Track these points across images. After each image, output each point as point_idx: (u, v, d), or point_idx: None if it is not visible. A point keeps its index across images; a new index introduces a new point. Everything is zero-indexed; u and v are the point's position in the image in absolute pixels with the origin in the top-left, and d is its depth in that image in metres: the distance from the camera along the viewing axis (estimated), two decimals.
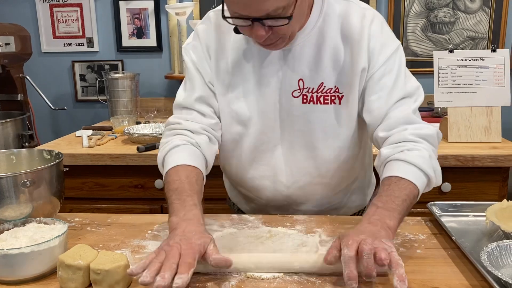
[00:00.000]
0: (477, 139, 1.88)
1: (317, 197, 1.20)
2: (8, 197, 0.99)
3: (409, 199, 0.93)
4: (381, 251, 0.77)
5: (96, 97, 2.65)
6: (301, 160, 1.14)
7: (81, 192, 1.90)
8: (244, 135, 1.15)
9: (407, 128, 1.03)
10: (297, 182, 1.17)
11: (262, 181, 1.19)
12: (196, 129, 1.11)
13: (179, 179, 1.01)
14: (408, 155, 0.97)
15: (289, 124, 1.12)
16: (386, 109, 1.05)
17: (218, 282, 0.83)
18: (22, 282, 0.84)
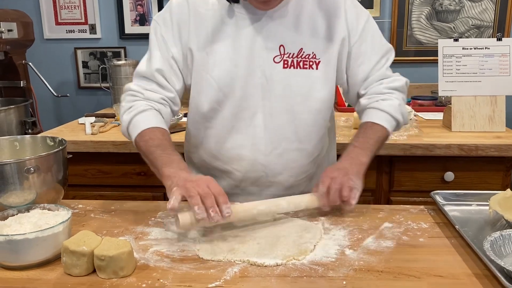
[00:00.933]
0: (480, 129, 1.88)
1: (293, 165, 1.23)
2: (12, 183, 0.99)
3: (380, 140, 1.17)
4: (345, 189, 1.03)
5: (98, 84, 2.64)
6: (280, 125, 1.18)
7: (84, 179, 1.90)
8: (224, 103, 1.17)
9: (382, 82, 1.23)
10: (276, 149, 1.19)
11: (240, 150, 1.20)
12: (156, 99, 1.18)
13: (157, 137, 1.11)
14: (382, 104, 1.19)
15: (269, 89, 1.15)
16: (368, 72, 1.22)
17: (222, 269, 0.84)
18: (26, 268, 0.85)
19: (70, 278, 0.82)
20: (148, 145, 1.09)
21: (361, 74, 1.22)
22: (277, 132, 1.18)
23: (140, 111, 1.14)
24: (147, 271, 0.84)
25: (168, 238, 0.97)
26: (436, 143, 1.70)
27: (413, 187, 1.79)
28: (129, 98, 1.19)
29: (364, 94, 1.23)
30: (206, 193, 0.92)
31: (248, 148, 1.19)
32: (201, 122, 1.22)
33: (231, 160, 1.22)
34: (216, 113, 1.19)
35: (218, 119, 1.19)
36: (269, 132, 1.18)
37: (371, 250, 0.91)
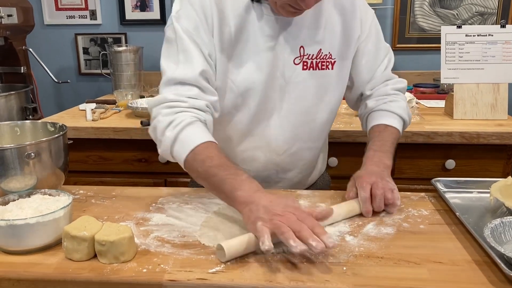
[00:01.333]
0: (482, 116, 1.87)
1: (303, 162, 1.24)
2: (13, 169, 0.99)
3: (395, 141, 1.17)
4: (388, 192, 1.01)
5: (99, 71, 2.63)
6: (296, 126, 1.17)
7: (85, 165, 1.91)
8: (242, 107, 1.13)
9: (388, 84, 1.24)
10: (290, 149, 1.19)
11: (254, 152, 1.18)
12: (202, 106, 1.04)
13: (215, 155, 0.97)
14: (391, 105, 1.20)
15: (288, 91, 1.13)
16: (373, 71, 1.23)
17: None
18: (28, 252, 0.85)
19: (71, 262, 0.82)
20: (207, 165, 0.95)
21: (366, 73, 1.22)
22: (292, 133, 1.17)
23: (187, 125, 0.99)
24: (148, 256, 0.84)
25: (169, 224, 0.97)
26: (438, 131, 1.70)
27: (414, 174, 1.79)
28: (166, 111, 1.02)
29: (370, 96, 1.24)
30: (300, 229, 0.79)
31: (263, 149, 1.18)
32: (214, 125, 1.12)
33: (244, 161, 1.20)
34: (231, 117, 1.14)
35: (232, 123, 1.15)
36: (284, 133, 1.17)
37: (371, 237, 0.91)
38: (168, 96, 1.04)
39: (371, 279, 0.76)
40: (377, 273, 0.78)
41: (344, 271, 0.78)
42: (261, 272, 0.78)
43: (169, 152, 1.02)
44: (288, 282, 0.75)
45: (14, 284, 0.79)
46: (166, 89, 1.05)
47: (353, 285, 0.75)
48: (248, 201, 0.87)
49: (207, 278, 0.77)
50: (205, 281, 0.76)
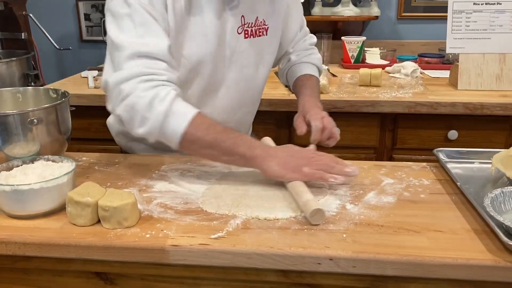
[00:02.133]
0: (487, 87, 1.85)
1: (245, 126, 1.35)
2: (16, 135, 0.99)
3: (317, 88, 1.34)
4: (334, 127, 1.16)
5: (101, 38, 2.60)
6: (241, 93, 1.23)
7: (88, 132, 1.91)
8: (193, 81, 1.14)
9: (306, 40, 1.40)
10: (236, 115, 1.26)
11: None
12: (176, 80, 1.02)
13: (215, 122, 0.98)
14: (311, 58, 1.37)
15: (233, 61, 1.17)
16: (295, 33, 1.36)
17: (224, 221, 0.85)
18: (32, 217, 0.86)
19: (75, 227, 0.84)
20: (213, 133, 0.95)
21: (291, 32, 1.34)
22: (237, 99, 1.23)
23: (175, 97, 0.96)
24: (151, 222, 0.85)
25: (171, 191, 0.98)
26: (441, 101, 1.69)
27: (416, 145, 1.79)
28: (145, 86, 0.96)
29: (292, 52, 1.37)
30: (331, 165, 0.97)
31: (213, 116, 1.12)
32: None
33: None
34: (184, 89, 1.11)
35: (186, 94, 1.13)
36: (232, 101, 1.22)
37: (372, 205, 0.92)
38: (139, 70, 0.96)
39: (371, 247, 0.77)
40: (377, 240, 0.79)
41: (344, 238, 0.79)
42: (262, 238, 0.79)
43: (160, 128, 0.95)
44: (289, 248, 0.76)
45: (20, 248, 0.81)
46: (130, 63, 0.97)
47: (352, 252, 0.76)
48: (271, 156, 0.96)
49: (209, 244, 0.78)
50: (207, 246, 0.77)
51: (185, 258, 0.78)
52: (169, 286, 0.85)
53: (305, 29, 1.41)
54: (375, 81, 1.91)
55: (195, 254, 0.78)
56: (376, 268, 0.75)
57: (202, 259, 0.78)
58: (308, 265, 0.76)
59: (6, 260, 0.85)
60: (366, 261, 0.75)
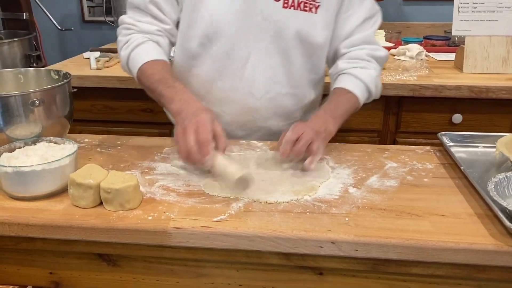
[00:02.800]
0: (493, 70, 1.83)
1: (284, 111, 1.21)
2: (18, 116, 0.99)
3: (350, 109, 1.12)
4: (314, 144, 0.96)
5: (103, 18, 2.58)
6: (274, 68, 1.14)
7: (90, 114, 1.91)
8: (215, 39, 1.11)
9: (364, 48, 1.17)
10: (269, 93, 1.16)
11: (231, 92, 1.16)
12: (152, 31, 1.14)
13: (158, 71, 1.07)
14: (360, 72, 1.14)
15: (265, 29, 1.10)
16: (353, 28, 1.17)
17: (226, 204, 0.85)
18: (35, 199, 0.86)
19: (77, 209, 0.84)
20: (150, 81, 1.06)
21: (347, 27, 1.17)
22: (270, 75, 1.14)
23: (137, 45, 1.11)
24: (153, 204, 0.85)
25: (174, 173, 0.98)
26: (446, 84, 1.67)
27: (420, 128, 1.78)
28: (124, 32, 1.16)
29: (344, 55, 1.18)
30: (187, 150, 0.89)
31: (239, 90, 1.15)
32: (187, 59, 1.17)
33: (220, 102, 1.18)
34: (205, 50, 1.12)
35: (207, 57, 1.13)
36: (262, 74, 1.14)
37: (375, 189, 0.91)
38: (125, 19, 1.17)
39: (373, 230, 0.77)
40: (379, 224, 0.79)
41: (346, 222, 0.79)
42: (265, 221, 0.79)
43: (126, 68, 1.15)
44: (291, 231, 0.76)
45: (23, 229, 0.81)
46: (127, 12, 1.18)
47: (354, 235, 0.76)
48: (176, 113, 0.98)
49: (211, 226, 0.78)
50: (209, 229, 0.78)
51: (187, 241, 0.78)
52: (171, 268, 0.86)
53: (368, 35, 1.19)
54: None
55: (197, 236, 0.78)
56: (378, 251, 0.75)
57: (204, 241, 0.78)
58: (310, 248, 0.76)
59: (9, 241, 0.86)
60: (368, 245, 0.75)
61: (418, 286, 0.81)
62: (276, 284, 0.85)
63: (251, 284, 0.85)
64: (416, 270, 0.79)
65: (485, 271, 0.77)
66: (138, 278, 0.88)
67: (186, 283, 0.87)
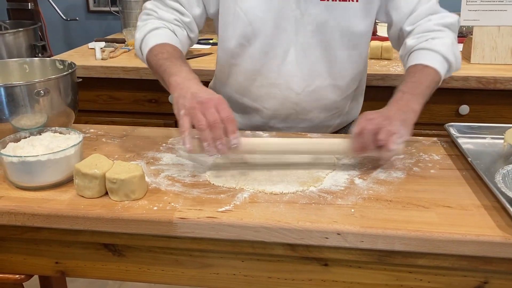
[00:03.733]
0: (501, 61, 1.81)
1: (325, 102, 1.18)
2: (23, 106, 0.99)
3: (432, 84, 1.01)
4: (383, 132, 0.86)
5: (108, 8, 2.57)
6: (314, 62, 1.12)
7: (95, 104, 1.91)
8: (253, 39, 1.10)
9: (431, 19, 1.09)
10: (309, 86, 1.14)
11: (271, 88, 1.15)
12: (170, 19, 1.14)
13: (168, 51, 1.05)
14: (432, 43, 1.05)
15: (303, 23, 1.08)
16: (414, 4, 1.10)
17: (232, 194, 0.85)
18: (40, 188, 0.87)
19: (83, 199, 0.84)
20: (158, 58, 1.04)
21: (404, 7, 1.10)
22: (310, 69, 1.12)
23: (153, 29, 1.10)
24: (159, 195, 0.85)
25: (179, 163, 0.98)
26: (453, 75, 1.65)
27: (426, 119, 1.76)
28: (143, 17, 1.16)
29: (410, 32, 1.11)
30: (214, 122, 0.83)
31: (280, 86, 1.14)
32: (227, 58, 1.17)
33: (260, 98, 1.18)
34: (243, 50, 1.13)
35: (245, 56, 1.13)
36: (302, 69, 1.12)
37: (381, 180, 0.91)
38: (147, 5, 1.18)
39: (379, 222, 0.77)
40: (385, 215, 0.78)
41: (352, 213, 0.79)
42: (270, 212, 0.79)
43: (139, 51, 1.13)
44: (296, 222, 0.76)
45: (28, 219, 0.81)
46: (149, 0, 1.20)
47: (360, 226, 0.75)
48: (179, 86, 0.93)
49: (216, 217, 0.78)
50: (214, 219, 0.77)
51: (192, 231, 0.78)
52: (176, 258, 0.86)
53: (431, 5, 1.11)
54: (386, 54, 1.88)
55: (203, 227, 0.78)
56: (384, 243, 0.75)
57: (209, 232, 0.78)
58: (316, 239, 0.76)
59: (15, 231, 0.86)
60: (374, 236, 0.75)
61: (424, 277, 0.81)
62: (281, 275, 0.85)
63: (256, 274, 0.85)
64: (422, 262, 0.78)
65: (491, 263, 0.77)
66: (143, 268, 0.88)
67: (191, 273, 0.87)
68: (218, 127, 0.84)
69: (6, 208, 0.81)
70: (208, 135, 0.84)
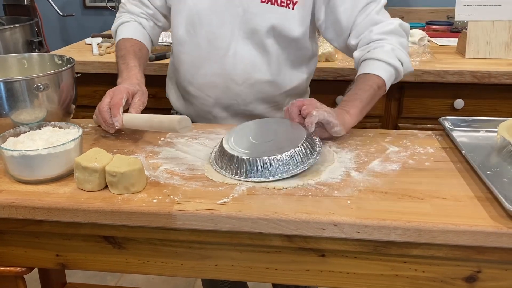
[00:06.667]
0: (496, 56, 1.83)
1: (264, 96, 1.25)
2: (23, 101, 1.00)
3: (372, 88, 1.07)
4: (307, 104, 0.97)
5: (104, 4, 2.57)
6: (253, 56, 1.19)
7: (93, 100, 1.91)
8: (198, 28, 1.18)
9: (372, 30, 1.13)
10: (249, 80, 1.21)
11: (213, 78, 1.22)
12: (137, 13, 1.30)
13: (125, 47, 1.22)
14: (373, 53, 1.11)
15: (245, 21, 1.16)
16: (354, 18, 1.14)
17: (230, 187, 0.86)
18: (41, 182, 0.88)
19: (83, 192, 0.85)
20: (116, 55, 1.23)
21: (345, 21, 1.14)
22: (250, 64, 1.19)
23: (122, 23, 1.29)
24: (158, 188, 0.86)
25: (178, 157, 0.99)
26: (449, 70, 1.67)
27: (422, 114, 1.79)
28: (119, 11, 1.34)
29: (356, 45, 1.16)
30: (101, 108, 1.04)
31: (222, 76, 1.21)
32: (176, 46, 1.25)
33: (203, 87, 1.24)
34: (190, 37, 1.21)
35: (191, 45, 1.21)
36: (243, 63, 1.19)
37: (377, 173, 0.92)
38: (122, 0, 1.34)
39: (374, 213, 0.78)
40: (381, 207, 0.80)
41: (348, 205, 0.80)
42: (268, 204, 0.80)
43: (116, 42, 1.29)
44: (294, 213, 0.78)
45: (30, 212, 0.82)
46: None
47: (356, 217, 0.77)
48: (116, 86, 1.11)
49: (215, 209, 0.79)
50: (213, 211, 0.79)
51: (191, 223, 0.79)
52: (176, 250, 0.87)
53: (371, 17, 1.13)
54: None
55: (201, 219, 0.79)
56: (380, 233, 0.76)
57: (208, 223, 0.79)
58: (313, 231, 0.78)
59: (16, 224, 0.87)
60: (370, 227, 0.76)
61: (419, 267, 0.83)
62: (278, 266, 0.86)
63: (254, 265, 0.87)
64: (417, 252, 0.80)
65: (484, 253, 0.78)
66: (143, 260, 0.89)
67: (190, 265, 0.88)
68: (104, 112, 1.03)
69: (7, 202, 0.82)
70: (100, 118, 1.05)
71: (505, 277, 0.82)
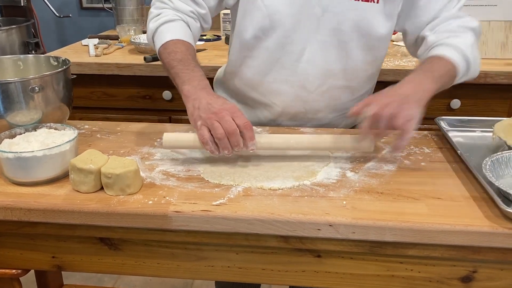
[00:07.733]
0: (492, 55, 1.83)
1: (336, 103, 1.17)
2: (18, 102, 0.99)
3: (446, 76, 0.99)
4: (399, 118, 0.86)
5: (101, 5, 2.57)
6: (330, 61, 1.10)
7: (90, 101, 1.91)
8: (270, 32, 1.08)
9: (451, 23, 1.07)
10: (321, 86, 1.13)
11: (282, 85, 1.13)
12: (186, 11, 1.12)
13: (181, 50, 1.05)
14: (454, 40, 1.02)
15: (323, 21, 1.05)
16: (434, 13, 1.08)
17: (226, 188, 0.86)
18: (36, 184, 0.87)
19: (78, 194, 0.85)
20: (170, 58, 1.04)
21: (426, 15, 1.08)
22: (325, 68, 1.10)
23: (167, 21, 1.09)
24: (153, 189, 0.86)
25: (173, 158, 0.99)
26: None
27: None
28: (158, 5, 1.14)
29: (431, 34, 1.08)
30: (232, 130, 0.87)
31: (292, 84, 1.12)
32: (241, 49, 1.14)
33: (270, 93, 1.16)
34: (259, 42, 1.10)
35: (260, 49, 1.11)
36: (317, 68, 1.10)
37: (372, 173, 0.92)
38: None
39: (370, 213, 0.78)
40: (376, 207, 0.80)
41: (344, 205, 0.80)
42: (263, 204, 0.80)
43: (151, 40, 1.13)
44: (289, 214, 0.78)
45: (25, 213, 0.82)
46: None
47: (352, 218, 0.77)
48: (192, 96, 0.95)
49: (211, 210, 0.79)
50: (209, 212, 0.79)
51: (187, 224, 0.79)
52: (171, 251, 0.87)
53: (453, 12, 1.08)
54: None
55: (197, 220, 0.79)
56: (375, 234, 0.76)
57: (204, 225, 0.79)
58: (308, 231, 0.78)
59: (12, 226, 0.87)
60: (365, 227, 0.76)
61: (415, 267, 0.83)
62: (274, 267, 0.86)
63: (250, 266, 0.87)
64: (412, 252, 0.80)
65: (480, 253, 0.78)
66: (139, 262, 0.89)
67: (186, 266, 0.88)
68: (236, 135, 0.88)
69: (2, 204, 0.82)
70: (227, 143, 0.88)
71: (500, 277, 0.82)
